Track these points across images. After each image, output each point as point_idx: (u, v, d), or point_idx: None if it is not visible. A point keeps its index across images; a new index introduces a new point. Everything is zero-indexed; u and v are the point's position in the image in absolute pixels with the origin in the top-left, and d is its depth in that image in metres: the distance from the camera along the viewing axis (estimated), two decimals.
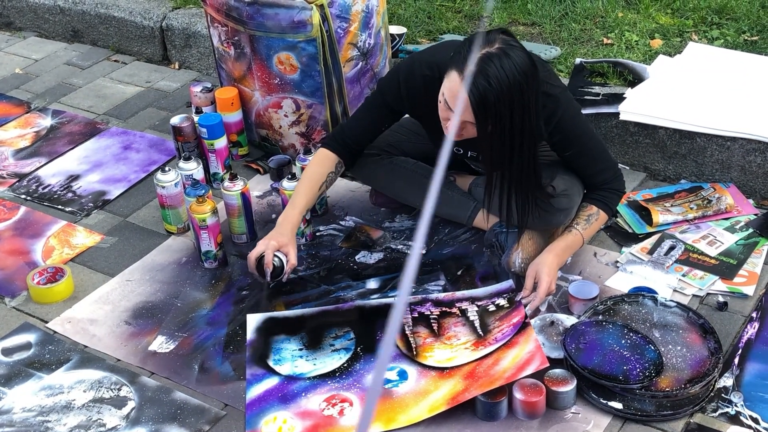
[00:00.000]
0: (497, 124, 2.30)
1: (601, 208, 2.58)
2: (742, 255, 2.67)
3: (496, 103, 2.27)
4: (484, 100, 2.27)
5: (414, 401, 2.27)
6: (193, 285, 2.73)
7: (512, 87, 2.26)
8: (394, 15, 3.79)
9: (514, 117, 2.29)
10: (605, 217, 2.60)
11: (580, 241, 2.57)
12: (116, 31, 4.13)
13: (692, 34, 3.49)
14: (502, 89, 2.26)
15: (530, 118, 2.32)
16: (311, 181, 2.68)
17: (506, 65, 2.27)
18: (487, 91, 2.26)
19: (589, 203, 2.59)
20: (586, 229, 2.56)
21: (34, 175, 3.30)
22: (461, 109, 2.32)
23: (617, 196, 2.62)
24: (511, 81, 2.26)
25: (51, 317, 2.64)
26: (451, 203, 2.80)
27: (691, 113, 2.95)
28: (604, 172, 2.60)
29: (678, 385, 2.22)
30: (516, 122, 2.30)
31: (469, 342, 2.41)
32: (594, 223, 2.57)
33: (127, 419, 2.31)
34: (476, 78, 2.27)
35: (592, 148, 2.58)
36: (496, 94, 2.26)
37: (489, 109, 2.28)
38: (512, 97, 2.27)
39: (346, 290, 2.66)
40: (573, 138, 2.54)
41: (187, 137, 3.11)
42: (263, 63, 3.06)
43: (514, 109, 2.28)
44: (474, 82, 2.27)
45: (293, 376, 2.38)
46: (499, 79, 2.26)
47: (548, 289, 2.45)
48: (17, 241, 2.97)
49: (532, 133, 2.36)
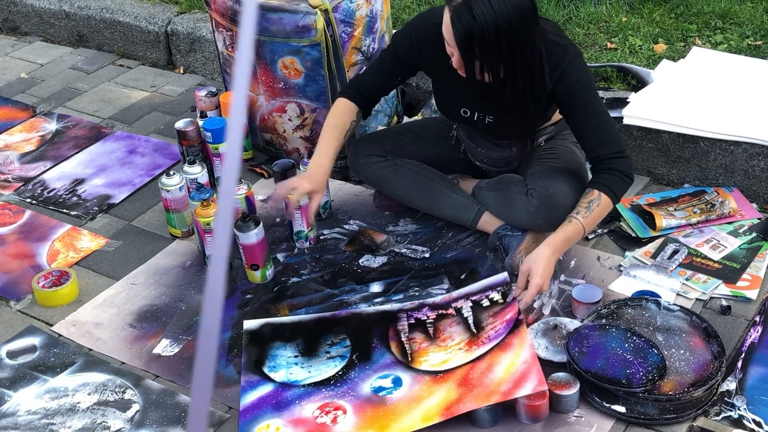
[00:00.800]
0: (484, 60, 2.30)
1: (604, 192, 2.44)
2: (746, 259, 2.67)
3: (482, 36, 2.25)
4: (469, 34, 2.26)
5: (407, 408, 2.25)
6: (198, 288, 2.74)
7: (499, 20, 2.24)
8: (398, 19, 3.80)
9: (503, 51, 2.27)
10: (608, 203, 2.46)
11: (581, 231, 2.44)
12: (121, 36, 4.14)
13: (696, 39, 3.49)
14: (487, 21, 2.24)
15: (524, 53, 2.30)
16: (336, 130, 2.71)
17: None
18: (471, 24, 2.25)
19: (591, 187, 2.47)
20: (587, 218, 2.43)
21: (40, 179, 3.31)
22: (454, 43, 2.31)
23: (622, 181, 2.46)
24: (497, 13, 2.24)
25: (56, 320, 2.66)
26: (456, 206, 2.80)
27: (694, 117, 2.96)
28: (609, 145, 2.47)
29: (681, 389, 2.22)
30: (505, 56, 2.29)
31: (462, 342, 2.41)
32: (596, 210, 2.43)
33: (132, 422, 2.32)
34: (461, 12, 2.26)
35: (600, 112, 2.48)
36: (480, 27, 2.25)
37: (474, 42, 2.27)
38: (499, 30, 2.25)
39: (350, 294, 2.67)
40: (578, 90, 2.46)
41: (192, 141, 3.12)
42: (268, 67, 3.08)
43: (501, 43, 2.26)
44: (458, 15, 2.27)
45: (288, 383, 2.37)
46: (484, 11, 2.24)
47: (539, 289, 2.39)
48: (22, 245, 2.98)
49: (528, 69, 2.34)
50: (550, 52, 2.43)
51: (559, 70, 2.45)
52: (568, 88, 2.46)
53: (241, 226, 2.65)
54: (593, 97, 2.49)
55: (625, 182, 2.48)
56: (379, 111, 3.28)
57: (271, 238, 2.85)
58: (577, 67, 2.47)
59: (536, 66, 2.37)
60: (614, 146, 2.47)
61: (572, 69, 2.46)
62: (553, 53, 2.43)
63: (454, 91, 2.51)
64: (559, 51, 2.44)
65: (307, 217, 2.74)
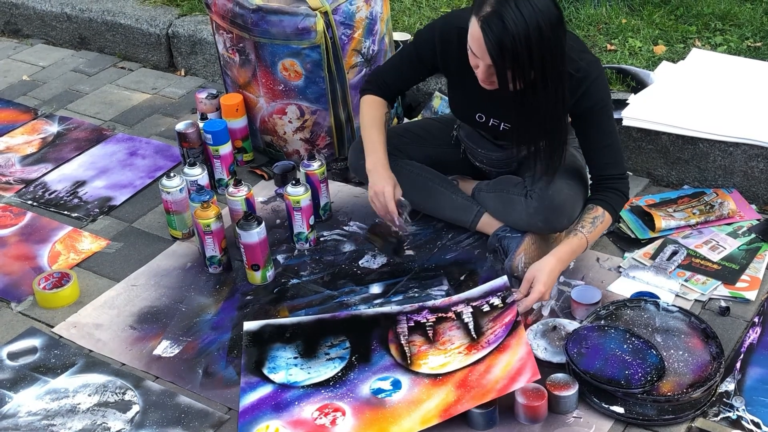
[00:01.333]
0: (516, 68, 2.27)
1: (607, 210, 2.54)
2: (745, 260, 2.67)
3: (513, 45, 2.23)
4: (501, 43, 2.24)
5: (406, 411, 2.26)
6: (198, 290, 2.74)
7: (530, 28, 2.22)
8: (398, 22, 3.81)
9: (534, 60, 2.25)
10: (609, 221, 2.57)
11: (585, 245, 2.53)
12: (123, 39, 4.15)
13: (695, 41, 3.50)
14: (519, 31, 2.22)
15: (555, 61, 2.28)
16: (378, 122, 2.72)
17: (523, 6, 2.22)
18: (502, 34, 2.23)
19: (596, 204, 2.55)
20: (591, 233, 2.52)
21: (41, 181, 3.32)
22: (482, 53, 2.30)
23: (622, 200, 2.59)
24: (528, 22, 2.22)
25: (56, 322, 2.66)
26: (455, 207, 2.80)
27: (694, 119, 2.96)
28: (615, 166, 2.56)
29: (680, 390, 2.22)
30: (537, 65, 2.26)
31: (462, 346, 2.41)
32: (599, 226, 2.54)
33: (132, 423, 2.32)
34: (491, 21, 2.24)
35: (612, 134, 2.54)
36: (512, 36, 2.22)
37: (506, 52, 2.24)
38: (530, 38, 2.22)
39: (350, 295, 2.67)
40: (599, 109, 2.49)
41: (192, 143, 3.13)
42: (268, 69, 3.08)
43: (533, 52, 2.24)
44: (489, 25, 2.24)
45: (287, 384, 2.38)
46: (515, 20, 2.21)
47: (540, 297, 2.42)
48: (23, 247, 2.99)
49: (559, 78, 2.32)
50: (576, 68, 2.43)
51: (583, 86, 2.46)
52: (589, 106, 2.49)
53: (243, 224, 2.66)
54: (610, 117, 2.54)
55: (624, 201, 2.61)
56: None
57: (271, 240, 2.85)
58: (600, 86, 2.50)
59: (565, 73, 2.35)
60: (620, 168, 2.57)
61: (596, 88, 2.48)
62: (579, 69, 2.43)
63: (471, 96, 2.49)
64: (584, 67, 2.45)
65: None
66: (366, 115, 2.74)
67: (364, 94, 2.78)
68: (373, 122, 2.72)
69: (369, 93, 2.77)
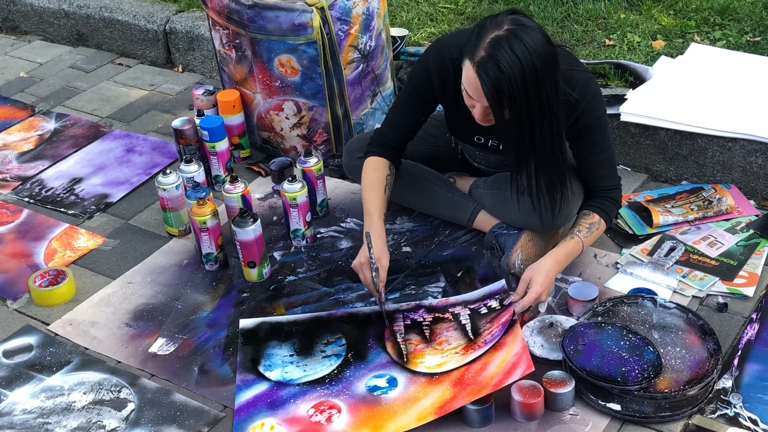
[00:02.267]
0: (513, 110, 2.26)
1: (603, 218, 2.57)
2: (743, 256, 2.66)
3: (510, 88, 2.22)
4: (497, 87, 2.22)
5: (402, 408, 2.25)
6: (194, 287, 2.74)
7: (525, 70, 2.21)
8: (395, 17, 3.79)
9: (531, 100, 2.23)
10: (604, 228, 2.59)
11: (580, 249, 2.54)
12: (120, 35, 4.15)
13: (694, 35, 3.48)
14: (515, 73, 2.21)
15: (549, 99, 2.27)
16: (377, 188, 2.63)
17: (517, 48, 2.21)
18: (499, 77, 2.22)
19: (592, 211, 2.57)
20: (587, 238, 2.54)
21: (38, 178, 3.32)
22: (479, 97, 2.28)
23: (616, 208, 2.61)
24: (524, 64, 2.21)
25: (52, 319, 2.66)
26: (451, 205, 2.80)
27: (692, 114, 2.95)
28: (610, 179, 2.59)
29: (677, 387, 2.21)
30: (533, 105, 2.25)
31: (459, 346, 2.40)
32: (594, 232, 2.56)
33: (127, 421, 2.32)
34: (487, 66, 2.23)
35: (607, 148, 2.56)
36: (508, 79, 2.21)
37: (503, 95, 2.23)
38: (526, 80, 2.21)
39: (346, 292, 2.66)
40: (595, 128, 2.50)
41: (189, 140, 3.12)
42: (264, 66, 3.07)
43: (529, 93, 2.23)
44: (485, 70, 2.23)
45: (283, 381, 2.37)
46: (511, 63, 2.20)
47: (537, 298, 2.43)
48: (20, 244, 2.98)
49: (554, 114, 2.30)
50: (572, 87, 2.41)
51: (579, 108, 2.45)
52: (586, 125, 2.49)
53: (239, 221, 2.65)
54: (605, 132, 2.55)
55: (618, 209, 2.63)
56: (377, 109, 3.28)
57: (267, 237, 2.84)
58: (596, 105, 2.49)
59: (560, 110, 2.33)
60: (614, 179, 2.60)
61: (592, 107, 2.48)
62: (573, 89, 2.42)
63: (470, 121, 2.47)
64: (579, 88, 2.44)
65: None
66: (365, 179, 2.66)
67: (367, 156, 2.71)
68: (374, 186, 2.64)
69: (372, 154, 2.70)
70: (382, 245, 2.55)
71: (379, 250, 2.52)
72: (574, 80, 2.43)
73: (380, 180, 2.65)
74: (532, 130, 2.30)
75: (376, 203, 2.61)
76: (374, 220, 2.59)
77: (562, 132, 2.38)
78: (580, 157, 2.58)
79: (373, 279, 2.48)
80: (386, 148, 2.70)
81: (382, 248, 2.54)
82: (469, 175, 2.89)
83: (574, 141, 2.54)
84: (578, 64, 2.53)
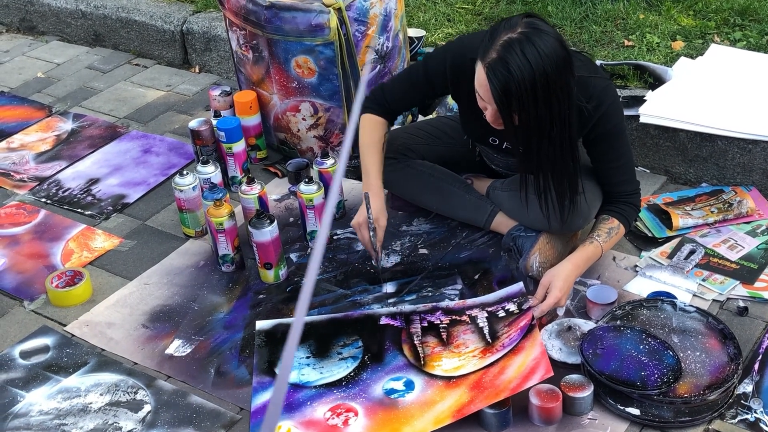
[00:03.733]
0: (522, 114, 2.24)
1: (622, 223, 2.56)
2: (763, 259, 2.63)
3: (519, 92, 2.20)
4: (506, 89, 2.21)
5: (419, 412, 2.24)
6: (211, 288, 2.73)
7: (536, 74, 2.19)
8: (412, 18, 3.78)
9: (540, 105, 2.22)
10: (623, 233, 2.58)
11: (599, 254, 2.54)
12: (137, 35, 4.15)
13: (714, 36, 3.45)
14: (524, 77, 2.19)
15: (560, 105, 2.25)
16: (374, 146, 2.66)
17: (529, 51, 2.19)
18: (507, 80, 2.20)
19: (611, 216, 2.56)
20: (606, 242, 2.53)
21: (55, 178, 3.32)
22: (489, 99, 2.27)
23: (635, 212, 2.60)
24: (534, 68, 2.19)
25: (69, 320, 2.66)
26: (469, 207, 2.78)
27: (712, 116, 2.92)
28: (628, 184, 2.58)
29: (697, 392, 2.19)
30: (542, 110, 2.23)
31: (477, 349, 2.39)
32: (614, 237, 2.55)
33: (143, 423, 2.31)
34: (496, 68, 2.21)
35: (625, 153, 2.55)
36: (517, 83, 2.20)
37: (511, 98, 2.22)
38: (536, 84, 2.19)
39: (363, 294, 2.65)
40: (613, 135, 2.48)
41: (206, 141, 3.11)
42: (281, 66, 3.07)
43: (538, 97, 2.21)
44: (494, 72, 2.22)
45: (299, 384, 2.36)
46: (521, 66, 2.19)
47: (556, 302, 2.42)
48: (37, 245, 2.98)
49: (564, 120, 2.29)
50: (590, 94, 2.40)
51: (597, 115, 2.43)
52: (603, 131, 2.48)
53: (256, 223, 2.64)
54: (623, 138, 2.53)
55: (637, 213, 2.62)
56: None
57: (284, 238, 2.84)
58: (614, 111, 2.47)
59: (573, 115, 2.32)
60: (633, 184, 2.59)
61: (610, 113, 2.46)
62: (591, 96, 2.40)
63: (484, 123, 2.46)
64: (597, 95, 2.42)
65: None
66: (363, 137, 2.69)
67: (364, 112, 2.72)
68: (373, 145, 2.67)
69: (369, 111, 2.71)
70: (381, 205, 2.57)
71: (377, 209, 2.55)
72: (591, 87, 2.42)
73: (379, 139, 2.68)
74: (540, 135, 2.29)
75: (376, 163, 2.64)
76: (372, 179, 2.61)
77: (574, 138, 2.36)
78: (598, 163, 2.57)
79: (371, 238, 2.50)
80: (385, 108, 2.71)
81: (381, 208, 2.57)
82: (486, 177, 2.88)
83: (592, 147, 2.53)
84: (596, 70, 2.50)
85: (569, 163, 2.39)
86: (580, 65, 2.41)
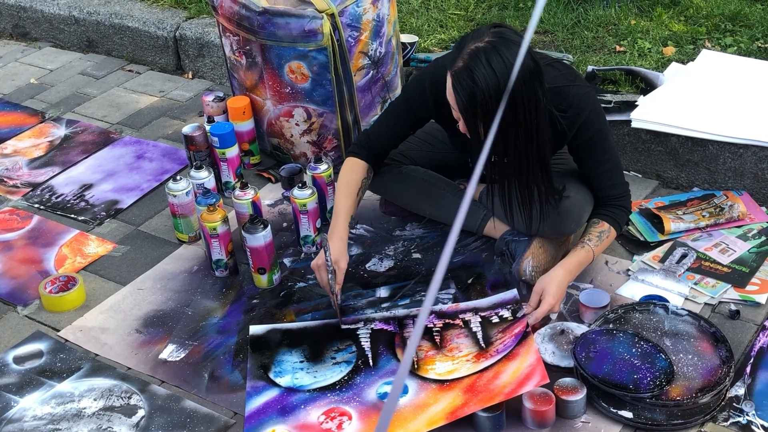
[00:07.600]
0: (487, 123, 2.25)
1: (612, 226, 2.57)
2: (755, 263, 2.65)
3: (483, 100, 2.21)
4: (471, 98, 2.22)
5: (413, 415, 2.24)
6: (204, 293, 2.73)
7: (501, 84, 2.19)
8: (405, 24, 3.79)
9: (504, 114, 2.21)
10: (615, 236, 2.59)
11: (591, 258, 2.55)
12: (130, 41, 4.15)
13: (705, 42, 3.47)
14: (488, 86, 2.20)
15: (526, 115, 2.26)
16: (349, 189, 2.65)
17: (495, 61, 2.20)
18: (472, 89, 2.21)
19: (601, 219, 2.57)
20: (598, 246, 2.54)
21: (48, 184, 3.32)
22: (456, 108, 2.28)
23: (626, 215, 2.61)
24: (499, 77, 2.19)
25: (63, 326, 2.66)
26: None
27: (703, 120, 2.94)
28: (617, 187, 2.59)
29: (689, 395, 2.20)
30: (507, 119, 2.24)
31: (470, 354, 2.40)
32: (605, 240, 2.56)
33: (137, 428, 2.31)
34: (461, 76, 2.23)
35: (611, 158, 2.56)
36: (482, 92, 2.20)
37: (476, 107, 2.23)
38: (500, 94, 2.19)
39: (357, 299, 2.66)
40: (596, 141, 2.50)
41: (199, 146, 3.12)
42: (274, 72, 3.07)
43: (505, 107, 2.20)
44: (459, 80, 2.23)
45: (293, 388, 2.37)
46: (486, 76, 2.20)
47: (550, 309, 2.43)
48: (30, 250, 2.98)
49: (531, 130, 2.29)
50: (569, 103, 2.41)
51: (578, 123, 2.45)
52: (587, 138, 2.49)
53: (249, 227, 2.65)
54: (608, 143, 2.55)
55: (628, 216, 2.63)
56: None
57: (277, 243, 2.84)
58: (596, 116, 2.49)
59: (542, 124, 2.32)
60: (622, 188, 2.60)
61: (592, 119, 2.47)
62: (571, 105, 2.42)
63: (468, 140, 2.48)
64: (576, 102, 2.44)
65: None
66: (341, 179, 2.68)
67: (348, 156, 2.72)
68: (347, 187, 2.65)
69: (352, 155, 2.71)
70: (342, 248, 2.56)
71: (337, 253, 2.54)
72: (571, 96, 2.44)
73: (355, 183, 2.66)
74: (505, 143, 2.30)
75: (346, 205, 2.62)
76: (339, 222, 2.60)
77: (543, 146, 2.37)
78: (585, 170, 2.59)
79: (329, 281, 2.50)
80: (369, 151, 2.71)
81: (342, 251, 2.55)
82: (479, 182, 2.89)
83: (577, 154, 2.56)
84: (576, 78, 2.52)
85: (536, 172, 2.40)
86: (557, 75, 2.43)
